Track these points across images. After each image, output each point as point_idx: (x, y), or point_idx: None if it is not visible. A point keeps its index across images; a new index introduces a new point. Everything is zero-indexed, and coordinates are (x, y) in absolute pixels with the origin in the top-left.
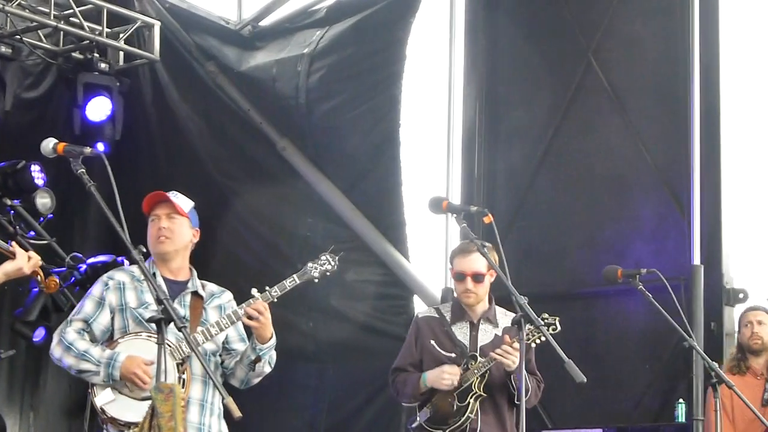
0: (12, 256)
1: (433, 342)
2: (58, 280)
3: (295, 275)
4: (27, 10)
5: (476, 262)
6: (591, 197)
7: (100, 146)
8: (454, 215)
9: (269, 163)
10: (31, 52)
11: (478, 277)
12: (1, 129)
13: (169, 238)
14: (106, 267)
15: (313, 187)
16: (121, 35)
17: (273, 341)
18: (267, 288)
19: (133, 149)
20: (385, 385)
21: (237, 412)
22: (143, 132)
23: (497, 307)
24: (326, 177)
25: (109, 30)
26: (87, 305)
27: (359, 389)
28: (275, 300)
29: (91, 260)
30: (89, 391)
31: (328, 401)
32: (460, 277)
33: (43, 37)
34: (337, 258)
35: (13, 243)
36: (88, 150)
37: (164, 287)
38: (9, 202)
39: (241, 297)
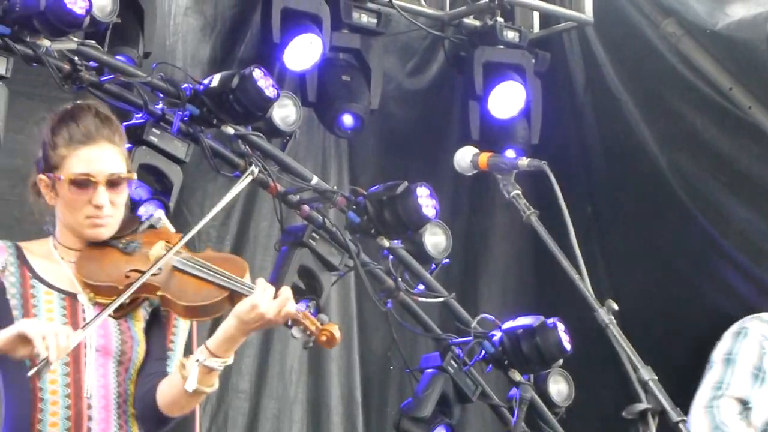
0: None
1: None
2: (334, 333)
3: None
4: None
5: None
6: None
7: (510, 153)
8: None
9: (764, 173)
10: (408, 23)
11: None
12: (365, 136)
13: None
14: (530, 334)
15: None
16: None
17: None
18: None
19: (558, 160)
20: None
21: None
22: (573, 133)
23: None
24: None
25: None
26: (740, 377)
27: None
28: None
29: (507, 325)
30: None
31: None
32: None
33: None
34: None
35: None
36: (524, 162)
37: None
38: (386, 242)
39: None
